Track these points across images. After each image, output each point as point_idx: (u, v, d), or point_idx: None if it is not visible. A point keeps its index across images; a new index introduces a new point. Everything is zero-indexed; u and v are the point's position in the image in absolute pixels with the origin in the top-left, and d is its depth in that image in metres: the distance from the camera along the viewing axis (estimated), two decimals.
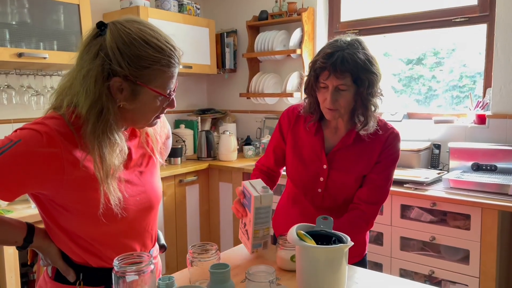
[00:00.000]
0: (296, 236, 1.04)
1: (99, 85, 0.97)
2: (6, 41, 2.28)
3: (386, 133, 1.41)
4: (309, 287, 1.03)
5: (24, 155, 0.93)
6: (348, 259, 1.34)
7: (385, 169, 1.40)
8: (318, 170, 1.43)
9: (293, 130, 1.50)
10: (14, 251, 2.04)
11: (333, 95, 1.31)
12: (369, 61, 1.30)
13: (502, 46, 2.45)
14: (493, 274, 2.02)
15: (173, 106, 1.08)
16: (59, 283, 1.09)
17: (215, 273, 1.04)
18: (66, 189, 0.99)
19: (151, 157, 1.18)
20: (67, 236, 1.05)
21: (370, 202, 1.39)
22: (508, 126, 2.46)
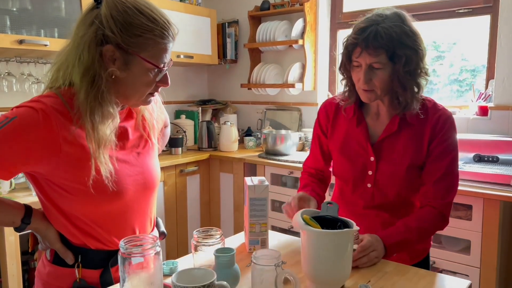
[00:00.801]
0: (302, 220, 1.04)
1: (92, 51, 0.98)
2: (7, 27, 2.26)
3: (435, 115, 1.26)
4: (314, 272, 1.02)
5: (20, 132, 0.94)
6: (408, 260, 1.33)
7: (442, 158, 1.25)
8: (365, 163, 1.32)
9: (334, 124, 1.40)
10: (15, 238, 2.04)
11: (366, 74, 1.20)
12: (407, 34, 1.16)
13: (505, 37, 2.44)
14: (494, 264, 2.02)
15: (166, 83, 1.08)
16: (58, 266, 1.09)
17: (220, 257, 1.04)
18: (62, 167, 0.99)
19: (148, 141, 1.18)
20: (65, 218, 1.05)
21: (438, 198, 1.26)
22: (511, 118, 2.45)
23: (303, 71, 3.21)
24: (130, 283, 0.88)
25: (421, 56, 1.20)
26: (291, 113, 3.43)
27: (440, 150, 1.26)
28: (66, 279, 1.08)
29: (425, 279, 1.11)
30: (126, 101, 1.08)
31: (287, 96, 3.44)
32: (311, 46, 3.19)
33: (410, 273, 1.14)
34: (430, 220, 1.25)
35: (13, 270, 2.05)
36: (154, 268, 0.89)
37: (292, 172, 2.75)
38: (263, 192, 1.27)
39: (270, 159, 2.85)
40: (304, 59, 3.17)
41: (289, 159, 2.80)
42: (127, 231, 1.12)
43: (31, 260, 2.37)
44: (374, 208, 1.34)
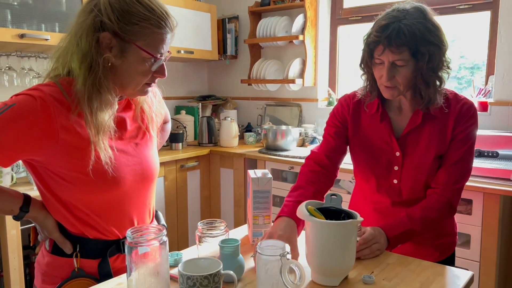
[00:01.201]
0: (307, 211, 1.04)
1: (90, 37, 0.99)
2: (8, 22, 2.26)
3: (458, 105, 1.27)
4: (318, 262, 1.03)
5: (18, 119, 0.95)
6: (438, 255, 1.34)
7: (461, 145, 1.26)
8: (390, 159, 1.31)
9: (354, 118, 1.37)
10: (17, 232, 2.04)
11: (389, 72, 1.19)
12: (429, 30, 1.15)
13: (505, 33, 2.45)
14: (493, 259, 2.04)
15: (163, 73, 1.08)
16: (57, 256, 1.10)
17: (225, 248, 1.05)
18: (60, 154, 0.99)
19: (146, 133, 1.19)
20: (64, 207, 1.06)
21: (449, 184, 1.26)
22: (510, 113, 2.46)
23: (303, 67, 3.22)
24: (137, 273, 0.89)
25: (443, 51, 1.21)
26: (291, 109, 3.43)
27: (461, 137, 1.26)
28: (64, 269, 1.09)
29: (428, 270, 1.12)
30: (122, 90, 1.08)
31: (287, 92, 3.45)
32: (312, 42, 3.19)
33: (413, 264, 1.15)
34: (437, 210, 1.25)
35: (15, 264, 2.06)
36: (161, 258, 0.90)
37: (293, 167, 2.75)
38: (266, 185, 1.27)
39: (270, 155, 2.86)
40: (305, 55, 3.18)
41: (289, 155, 2.81)
42: (125, 221, 1.13)
43: (32, 255, 2.37)
44: (402, 205, 1.33)
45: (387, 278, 1.07)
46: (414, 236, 1.25)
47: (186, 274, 0.85)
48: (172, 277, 1.02)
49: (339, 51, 3.31)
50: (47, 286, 1.09)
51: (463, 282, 1.06)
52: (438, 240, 1.37)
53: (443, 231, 1.38)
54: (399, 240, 1.23)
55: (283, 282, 0.96)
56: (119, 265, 1.14)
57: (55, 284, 1.08)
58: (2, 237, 2.03)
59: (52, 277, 1.09)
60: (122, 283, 1.04)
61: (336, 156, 1.40)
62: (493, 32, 2.56)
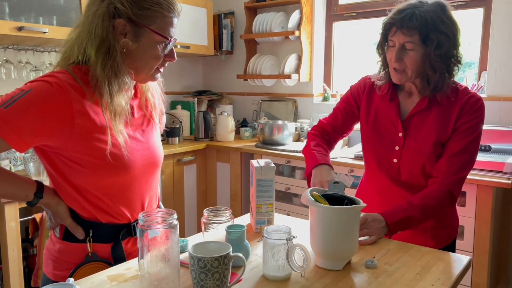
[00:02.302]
0: (311, 197, 1.07)
1: (106, 24, 1.03)
2: (6, 14, 2.25)
3: (465, 97, 1.31)
4: (322, 247, 1.06)
5: (35, 104, 0.97)
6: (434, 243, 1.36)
7: (464, 136, 1.29)
8: (393, 138, 1.37)
9: (368, 97, 1.45)
10: (16, 224, 2.05)
11: (398, 53, 1.26)
12: (442, 21, 1.22)
13: (498, 29, 2.50)
14: (486, 249, 2.09)
15: (173, 56, 1.14)
16: (68, 242, 1.12)
17: (232, 233, 1.08)
18: (75, 138, 1.02)
19: (150, 120, 1.22)
20: (77, 192, 1.08)
21: (450, 173, 1.28)
22: (502, 108, 2.52)
23: (299, 62, 3.25)
24: (149, 255, 0.91)
25: (453, 43, 1.26)
26: (286, 104, 3.46)
27: (464, 128, 1.30)
28: (77, 254, 1.11)
29: (428, 255, 1.15)
30: (136, 75, 1.11)
31: (283, 87, 3.48)
32: (307, 37, 3.22)
33: (413, 250, 1.19)
34: (437, 198, 1.28)
35: (14, 256, 2.06)
36: (171, 241, 0.92)
37: (289, 161, 2.79)
38: (269, 174, 1.30)
39: (267, 149, 2.88)
40: (300, 50, 3.21)
41: (286, 149, 2.84)
42: (136, 204, 1.15)
43: (30, 247, 2.38)
44: (401, 186, 1.38)
45: (389, 262, 1.11)
46: (413, 223, 1.28)
47: (197, 256, 0.88)
48: (181, 263, 1.04)
49: (334, 47, 3.34)
50: (60, 272, 1.10)
51: (461, 265, 1.10)
52: (435, 229, 1.40)
53: (442, 221, 1.41)
54: (398, 226, 1.26)
55: (289, 265, 0.99)
56: (130, 248, 1.16)
57: (68, 269, 1.09)
58: (1, 229, 2.03)
59: (65, 263, 1.11)
60: (131, 268, 1.06)
61: (337, 136, 1.55)
62: (486, 29, 2.61)
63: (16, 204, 2.04)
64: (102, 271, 1.05)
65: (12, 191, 1.07)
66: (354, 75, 3.31)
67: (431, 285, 0.99)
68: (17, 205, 2.05)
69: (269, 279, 1.01)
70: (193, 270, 0.89)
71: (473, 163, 1.33)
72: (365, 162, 1.50)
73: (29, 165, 2.19)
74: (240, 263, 1.01)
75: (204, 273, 0.88)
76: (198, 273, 0.88)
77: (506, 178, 2.03)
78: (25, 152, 1.05)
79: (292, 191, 2.84)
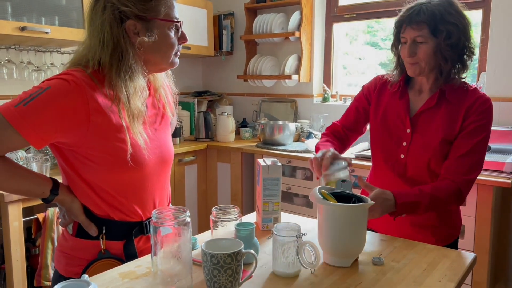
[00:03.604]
0: (320, 195, 1.09)
1: (115, 31, 1.05)
2: (8, 14, 2.26)
3: (474, 96, 1.33)
4: (330, 244, 1.08)
5: (54, 101, 0.99)
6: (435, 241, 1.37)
7: (471, 136, 1.31)
8: (401, 134, 1.40)
9: (378, 94, 1.49)
10: (20, 224, 2.05)
11: (410, 47, 1.31)
12: (449, 13, 1.28)
13: (497, 31, 2.53)
14: (486, 247, 2.11)
15: (185, 38, 1.18)
16: (81, 239, 1.13)
17: (241, 231, 1.09)
18: (91, 136, 1.04)
19: (163, 117, 1.25)
20: (91, 189, 1.10)
21: (460, 173, 1.30)
22: (501, 108, 2.55)
23: (299, 63, 3.27)
24: (162, 252, 0.92)
25: (463, 33, 1.30)
26: (286, 105, 3.48)
27: (472, 128, 1.31)
28: (90, 251, 1.12)
29: (433, 252, 1.17)
30: (156, 67, 1.15)
31: (283, 88, 3.49)
32: (307, 38, 3.24)
33: (418, 247, 1.21)
34: (446, 192, 1.29)
35: (17, 256, 2.06)
36: (184, 238, 0.93)
37: (290, 161, 2.80)
38: (276, 172, 1.32)
39: (268, 149, 2.90)
40: (300, 51, 3.23)
41: (286, 149, 2.86)
42: (148, 202, 1.17)
43: (31, 247, 2.38)
44: (407, 182, 1.40)
45: (395, 259, 1.12)
46: (420, 210, 1.27)
47: (210, 253, 0.89)
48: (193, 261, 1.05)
49: (334, 48, 3.37)
50: (72, 268, 1.11)
51: (467, 262, 1.12)
52: (436, 227, 1.42)
53: (445, 220, 1.43)
54: (405, 208, 1.26)
55: (300, 261, 1.00)
56: (142, 246, 1.18)
57: (81, 266, 1.10)
58: (5, 228, 2.03)
59: (77, 260, 1.12)
60: (141, 265, 1.07)
61: (349, 134, 1.57)
62: (485, 30, 2.64)
63: (19, 203, 2.04)
64: (113, 269, 1.06)
65: (29, 188, 1.08)
66: (353, 75, 3.33)
67: (439, 281, 1.01)
68: (20, 205, 2.05)
69: (279, 275, 1.02)
70: (206, 267, 0.91)
71: (482, 164, 1.34)
72: (372, 157, 1.52)
73: (32, 165, 2.19)
74: (250, 260, 1.03)
75: (217, 269, 0.89)
76: (211, 269, 0.89)
77: (506, 177, 2.06)
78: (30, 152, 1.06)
79: (293, 191, 2.85)
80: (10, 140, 0.98)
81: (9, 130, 0.96)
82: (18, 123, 0.96)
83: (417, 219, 1.39)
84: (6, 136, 0.97)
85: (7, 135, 0.97)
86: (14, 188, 1.07)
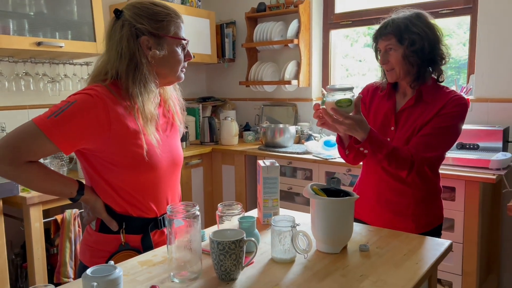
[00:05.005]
0: (312, 191, 1.24)
1: (132, 44, 1.23)
2: (26, 30, 2.43)
3: (448, 96, 1.50)
4: (321, 233, 1.23)
5: (79, 113, 1.16)
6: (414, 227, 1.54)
7: (437, 122, 1.47)
8: (387, 131, 1.57)
9: (370, 98, 1.66)
10: (40, 225, 2.21)
11: (383, 56, 1.53)
12: (413, 24, 1.47)
13: (484, 35, 2.68)
14: (475, 239, 2.25)
15: (190, 56, 1.36)
16: (104, 234, 1.29)
17: (243, 223, 1.25)
18: (112, 142, 1.20)
19: (173, 125, 1.41)
20: (112, 189, 1.26)
21: (417, 149, 1.45)
22: (489, 109, 2.69)
23: (298, 69, 3.42)
24: (176, 242, 1.08)
25: (427, 40, 1.47)
26: (287, 108, 3.64)
27: (441, 115, 1.48)
28: (112, 244, 1.28)
29: (415, 241, 1.32)
30: (164, 79, 1.32)
31: (283, 93, 3.65)
32: (306, 45, 3.40)
33: (402, 236, 1.36)
34: (404, 157, 1.43)
35: (39, 254, 2.23)
36: (194, 229, 1.09)
37: (291, 163, 2.96)
38: (274, 172, 1.47)
39: (270, 151, 3.06)
40: (299, 57, 3.38)
41: (287, 151, 3.01)
42: (162, 200, 1.33)
43: (50, 248, 2.54)
44: (391, 177, 1.56)
45: (380, 246, 1.28)
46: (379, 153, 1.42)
47: (217, 240, 1.05)
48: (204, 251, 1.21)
49: (331, 53, 3.52)
50: (96, 260, 1.27)
51: (443, 248, 1.27)
52: (416, 215, 1.57)
53: (425, 209, 1.58)
54: (372, 141, 1.39)
55: (294, 248, 1.16)
56: (157, 239, 1.33)
57: (104, 257, 1.26)
58: (27, 229, 2.20)
59: (101, 252, 1.28)
60: (157, 255, 1.23)
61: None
62: (473, 35, 2.78)
63: (39, 206, 2.21)
64: (132, 258, 1.22)
65: (60, 189, 1.24)
66: (350, 79, 3.48)
67: (416, 264, 1.16)
68: (40, 207, 2.21)
69: (277, 261, 1.18)
70: (214, 253, 1.06)
71: (441, 148, 1.49)
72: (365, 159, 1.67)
73: None
74: (252, 249, 1.18)
75: (223, 254, 1.04)
76: (218, 254, 1.05)
77: (491, 174, 2.20)
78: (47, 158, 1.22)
79: (294, 190, 3.01)
80: (45, 147, 1.14)
81: (43, 139, 1.13)
82: (51, 132, 1.13)
83: (399, 208, 1.56)
84: (41, 144, 1.14)
85: (42, 143, 1.13)
86: (47, 189, 1.24)
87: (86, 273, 0.91)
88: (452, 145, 1.53)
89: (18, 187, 2.14)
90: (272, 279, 1.08)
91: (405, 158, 1.44)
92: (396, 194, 1.57)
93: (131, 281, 1.08)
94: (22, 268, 2.60)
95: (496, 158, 2.27)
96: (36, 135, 1.13)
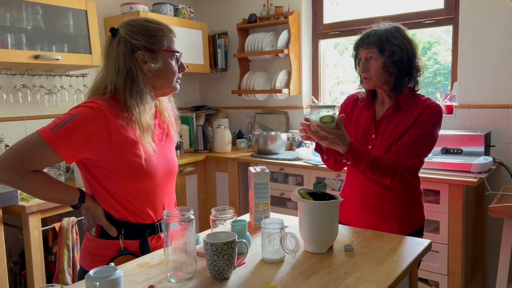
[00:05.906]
0: (299, 195, 1.33)
1: (128, 60, 1.32)
2: (23, 44, 2.51)
3: (424, 104, 1.59)
4: (308, 234, 1.31)
5: (81, 125, 1.24)
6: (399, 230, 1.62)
7: (416, 130, 1.55)
8: (368, 140, 1.65)
9: (351, 108, 1.74)
10: (39, 233, 2.28)
11: (363, 64, 1.61)
12: (394, 36, 1.56)
13: (465, 44, 2.79)
14: (459, 240, 2.34)
15: (183, 67, 1.44)
16: (103, 239, 1.36)
17: (236, 226, 1.33)
18: (112, 151, 1.28)
19: (168, 136, 1.49)
20: (111, 196, 1.33)
21: (398, 156, 1.53)
22: (472, 115, 2.80)
23: (288, 78, 3.52)
24: (172, 244, 1.15)
25: (406, 52, 1.57)
26: (278, 116, 3.73)
27: (418, 123, 1.57)
28: (111, 249, 1.35)
29: (396, 241, 1.41)
30: (160, 90, 1.40)
31: (275, 101, 3.75)
32: (296, 55, 3.50)
33: (384, 237, 1.44)
34: (385, 165, 1.52)
35: (37, 262, 2.28)
36: (189, 232, 1.17)
37: (283, 169, 3.04)
38: (265, 178, 1.55)
39: (262, 158, 3.14)
40: (289, 66, 3.48)
41: (279, 157, 3.10)
42: (158, 207, 1.40)
43: (47, 255, 2.60)
44: (373, 183, 1.63)
45: (364, 246, 1.36)
46: (361, 164, 1.52)
47: (210, 242, 1.13)
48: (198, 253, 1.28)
49: (321, 62, 3.63)
50: (97, 264, 1.31)
51: (422, 246, 1.35)
52: (400, 218, 1.65)
53: (406, 212, 1.66)
54: (353, 153, 1.49)
55: (283, 248, 1.24)
56: (154, 244, 1.41)
57: (104, 262, 1.33)
58: (26, 237, 2.26)
59: (101, 257, 1.35)
60: (154, 258, 1.31)
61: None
62: (455, 44, 2.90)
63: (38, 214, 2.27)
64: (131, 261, 1.29)
65: (63, 197, 1.32)
66: (339, 86, 3.58)
67: (396, 261, 1.25)
68: (39, 216, 2.28)
69: (267, 261, 1.26)
70: (207, 254, 1.14)
71: (420, 155, 1.57)
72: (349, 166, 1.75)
73: None
74: (243, 250, 1.26)
75: (216, 255, 1.12)
76: (211, 255, 1.13)
77: (473, 177, 2.30)
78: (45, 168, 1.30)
79: (286, 196, 3.09)
80: (49, 157, 1.22)
81: (48, 149, 1.21)
82: (54, 143, 1.21)
83: (383, 212, 1.64)
84: (45, 154, 1.21)
85: (46, 154, 1.21)
86: (51, 197, 1.31)
87: (89, 274, 0.99)
88: (431, 151, 1.62)
89: (18, 196, 2.20)
90: (263, 278, 1.16)
91: (387, 166, 1.53)
92: (379, 199, 1.65)
93: (130, 282, 1.15)
94: (20, 275, 2.66)
95: (478, 162, 2.37)
96: (41, 146, 1.21)
